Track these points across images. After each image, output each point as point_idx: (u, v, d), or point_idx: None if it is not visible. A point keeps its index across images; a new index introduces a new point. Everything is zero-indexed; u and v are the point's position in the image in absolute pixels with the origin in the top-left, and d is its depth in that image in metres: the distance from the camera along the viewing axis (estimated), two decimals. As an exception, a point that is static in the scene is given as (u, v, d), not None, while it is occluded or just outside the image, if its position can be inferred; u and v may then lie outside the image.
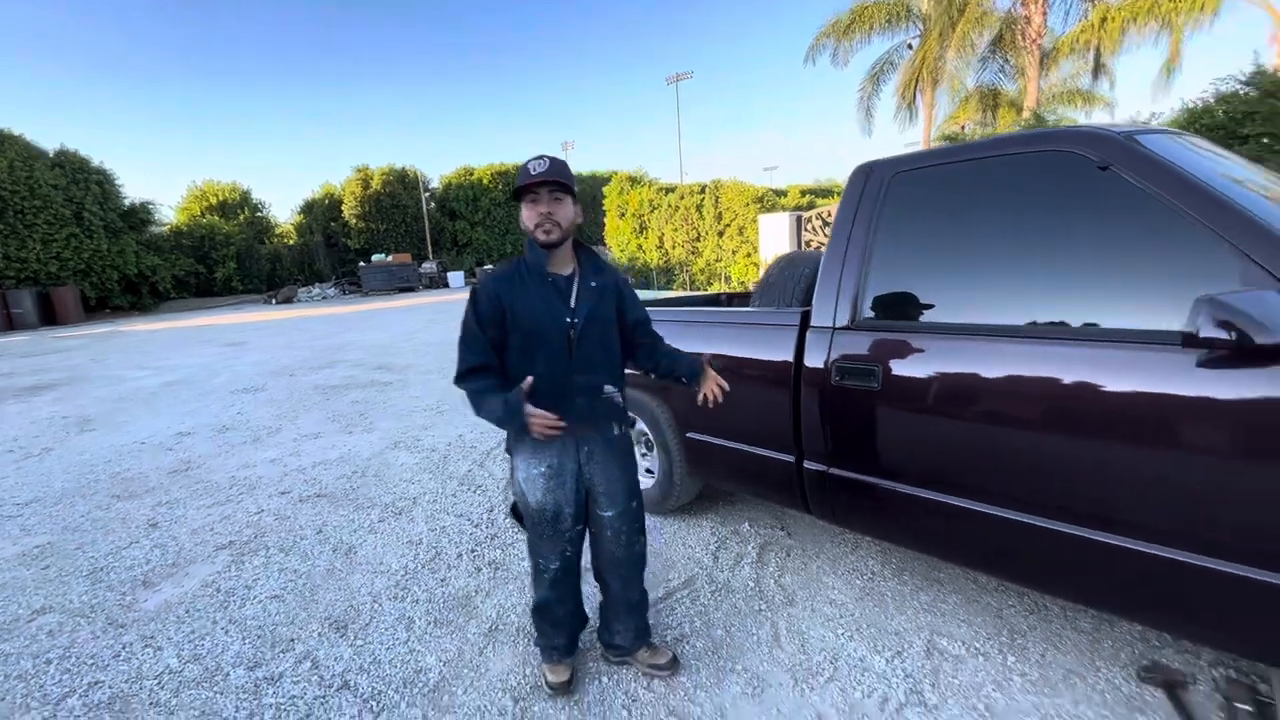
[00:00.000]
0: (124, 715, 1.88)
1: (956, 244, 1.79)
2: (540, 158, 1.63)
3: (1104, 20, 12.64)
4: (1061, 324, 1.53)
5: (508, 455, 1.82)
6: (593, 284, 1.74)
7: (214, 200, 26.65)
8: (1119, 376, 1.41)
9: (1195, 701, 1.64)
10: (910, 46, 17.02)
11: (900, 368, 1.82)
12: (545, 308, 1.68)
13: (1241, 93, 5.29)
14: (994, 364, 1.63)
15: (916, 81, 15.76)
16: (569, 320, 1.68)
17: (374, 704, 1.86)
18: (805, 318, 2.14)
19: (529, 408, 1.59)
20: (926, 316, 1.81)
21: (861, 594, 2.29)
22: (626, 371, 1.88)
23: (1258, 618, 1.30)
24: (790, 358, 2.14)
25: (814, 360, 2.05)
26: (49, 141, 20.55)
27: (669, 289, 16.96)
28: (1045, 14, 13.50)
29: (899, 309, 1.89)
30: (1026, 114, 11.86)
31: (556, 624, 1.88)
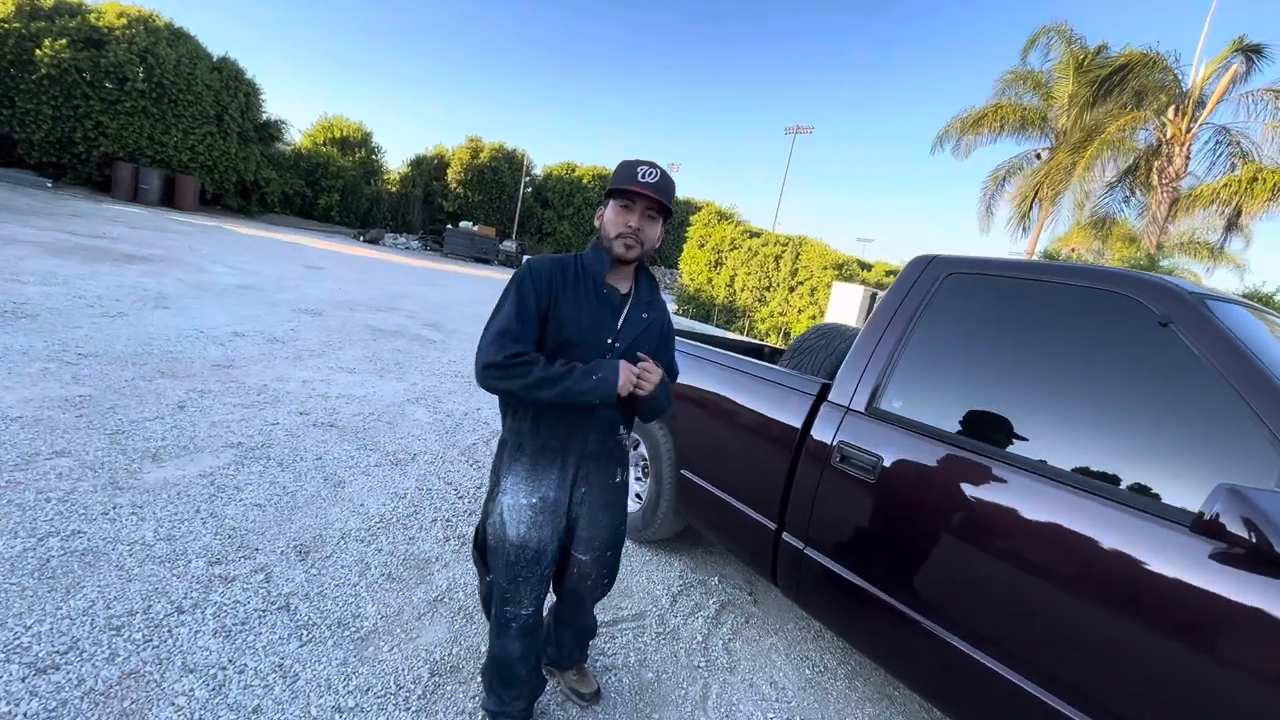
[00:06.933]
0: (90, 568, 2.00)
1: (988, 358, 1.72)
2: (653, 167, 1.43)
3: (1254, 180, 11.90)
4: (1078, 471, 1.44)
5: (492, 480, 1.58)
6: (644, 315, 1.56)
7: (338, 134, 28.58)
8: (1117, 541, 1.31)
9: None
10: (1039, 157, 16.56)
11: (899, 467, 1.75)
12: (591, 319, 1.46)
13: None
14: (991, 491, 1.54)
15: (1036, 194, 15.28)
16: (609, 341, 1.48)
17: (304, 633, 1.92)
18: (824, 390, 2.10)
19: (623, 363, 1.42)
20: (940, 423, 1.74)
21: (806, 684, 2.19)
22: None
23: None
24: (799, 425, 2.10)
25: (821, 435, 2.00)
26: (215, 46, 22.54)
27: (727, 329, 16.88)
28: (1188, 158, 12.82)
29: (915, 408, 1.83)
30: (1141, 254, 11.26)
31: (516, 684, 1.62)
